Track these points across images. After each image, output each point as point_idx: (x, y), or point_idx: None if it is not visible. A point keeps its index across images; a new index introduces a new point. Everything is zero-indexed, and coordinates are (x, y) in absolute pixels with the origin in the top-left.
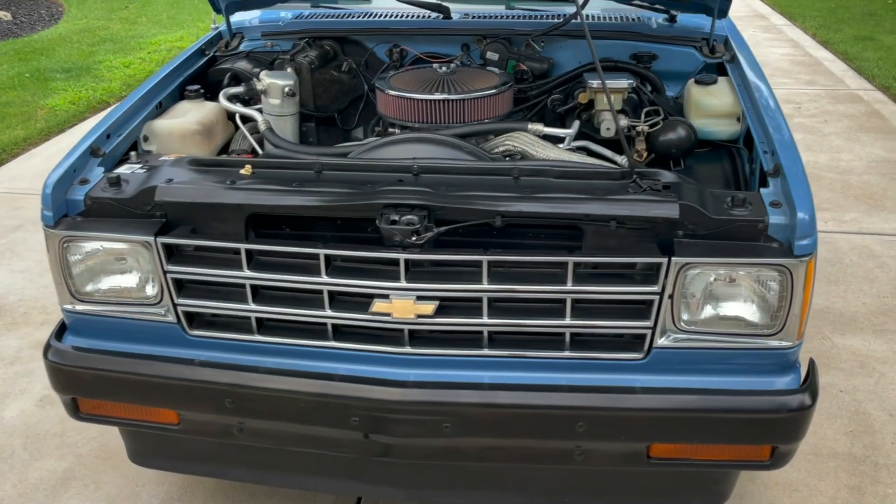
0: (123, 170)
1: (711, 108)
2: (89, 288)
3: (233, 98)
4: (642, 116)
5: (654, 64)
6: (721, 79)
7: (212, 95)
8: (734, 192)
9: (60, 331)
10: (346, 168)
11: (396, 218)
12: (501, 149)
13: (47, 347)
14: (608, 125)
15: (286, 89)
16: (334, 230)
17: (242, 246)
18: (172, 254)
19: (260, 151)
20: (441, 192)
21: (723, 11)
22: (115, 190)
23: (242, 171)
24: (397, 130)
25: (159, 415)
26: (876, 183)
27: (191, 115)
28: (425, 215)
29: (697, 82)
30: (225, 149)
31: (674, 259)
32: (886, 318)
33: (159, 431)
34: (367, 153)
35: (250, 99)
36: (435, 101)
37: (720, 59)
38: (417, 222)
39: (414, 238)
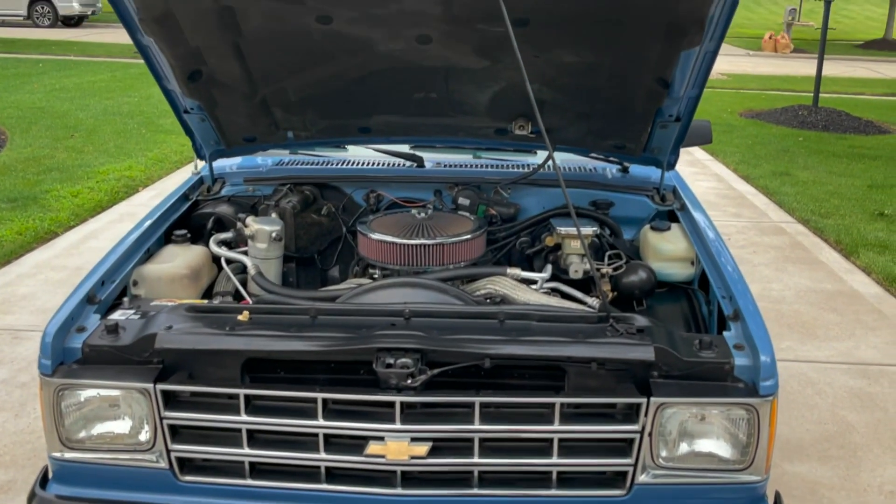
0: (118, 316)
1: (667, 252)
2: (81, 435)
3: (221, 243)
4: (605, 259)
5: (611, 210)
6: (674, 225)
7: (196, 238)
8: (701, 336)
9: (44, 479)
10: (340, 313)
11: (391, 361)
12: (483, 292)
13: (31, 496)
14: (576, 268)
15: (273, 234)
16: (328, 373)
17: (241, 391)
18: (169, 400)
19: (244, 293)
20: (433, 335)
21: (671, 165)
22: (113, 337)
23: (240, 318)
24: (377, 272)
25: None
26: (806, 312)
27: (179, 260)
28: (418, 358)
29: (653, 228)
30: (209, 289)
31: (652, 399)
32: (829, 444)
33: None
34: (358, 297)
35: (235, 243)
36: (415, 245)
37: (671, 207)
38: (412, 365)
39: (409, 381)
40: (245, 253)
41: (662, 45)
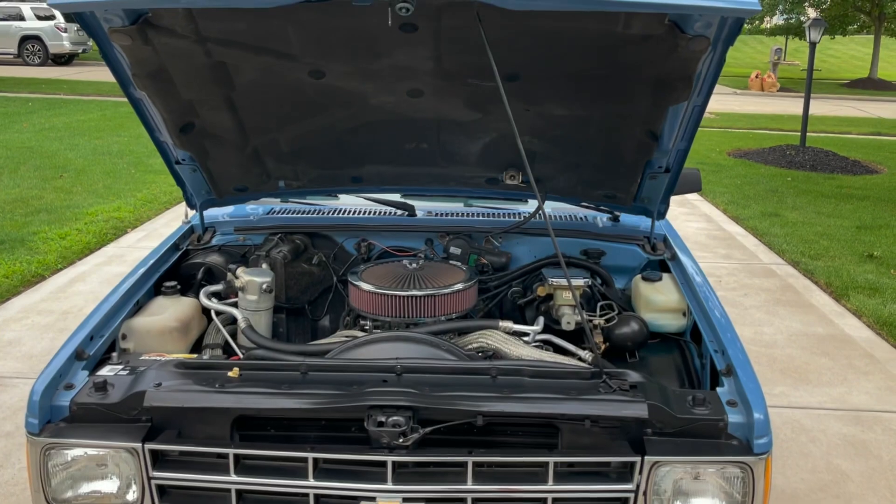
0: (106, 372)
1: (659, 303)
2: (68, 495)
3: (212, 295)
4: (597, 310)
5: (602, 259)
6: (665, 276)
7: (186, 288)
8: (694, 392)
9: None
10: (331, 369)
11: (383, 419)
12: (475, 345)
13: None
14: (568, 319)
15: (264, 286)
16: (319, 430)
17: (231, 451)
18: (158, 459)
19: (234, 346)
20: (425, 392)
21: (661, 214)
22: (101, 395)
23: (230, 374)
24: (368, 324)
25: None
26: (798, 356)
27: (168, 313)
28: (410, 416)
29: (644, 279)
30: (199, 341)
31: (646, 458)
32: (824, 493)
33: None
34: (348, 352)
35: (225, 294)
36: (406, 297)
37: (661, 257)
38: (403, 423)
39: (401, 440)
40: (235, 304)
41: (651, 99)
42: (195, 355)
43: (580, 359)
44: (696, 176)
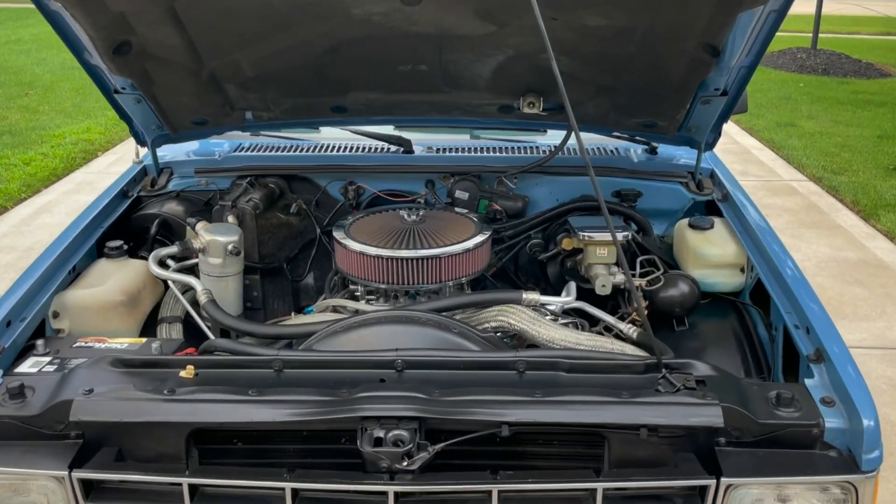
0: (27, 368)
1: (712, 258)
2: None
3: (165, 261)
4: (637, 268)
5: (638, 202)
6: (717, 222)
7: (138, 245)
8: (778, 387)
9: None
10: (313, 364)
11: (381, 434)
12: (493, 324)
13: None
14: (604, 281)
15: (230, 247)
16: (299, 441)
17: (185, 481)
18: (92, 489)
19: (196, 316)
20: (434, 397)
21: (709, 145)
22: (18, 403)
23: (183, 374)
24: (360, 289)
25: None
26: (830, 287)
27: (112, 283)
28: (416, 428)
29: (693, 226)
30: (154, 314)
31: (722, 479)
32: None
33: None
34: (334, 338)
35: (183, 257)
36: (405, 258)
37: (710, 197)
38: (408, 440)
39: (405, 462)
40: (196, 270)
41: (716, 5)
42: (144, 340)
43: (620, 334)
44: (743, 95)
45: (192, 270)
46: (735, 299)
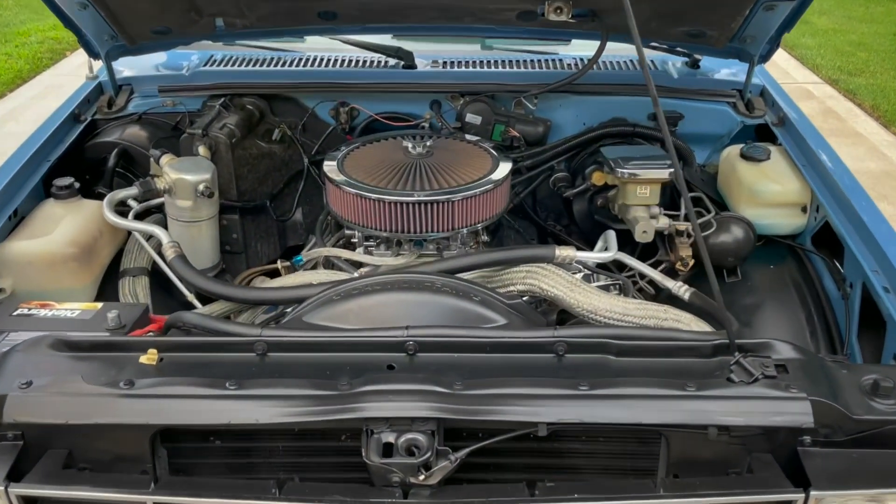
0: None
1: (771, 195)
2: None
3: (122, 206)
4: (682, 210)
5: (678, 125)
6: (773, 150)
7: (94, 180)
8: (871, 371)
9: None
10: (304, 347)
11: (392, 439)
12: (520, 287)
13: None
14: (645, 227)
15: (201, 187)
16: (290, 438)
17: (150, 498)
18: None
19: (165, 268)
20: (455, 390)
21: (764, 57)
22: None
23: (144, 360)
24: (357, 235)
25: None
26: None
27: (62, 230)
28: (433, 430)
29: (746, 157)
30: (115, 266)
31: (811, 492)
32: None
33: None
34: (329, 308)
35: (144, 198)
36: (411, 203)
37: (762, 120)
38: (424, 446)
39: (422, 476)
40: (161, 219)
41: None
42: (100, 306)
43: (667, 296)
44: None
45: (161, 211)
46: (794, 244)
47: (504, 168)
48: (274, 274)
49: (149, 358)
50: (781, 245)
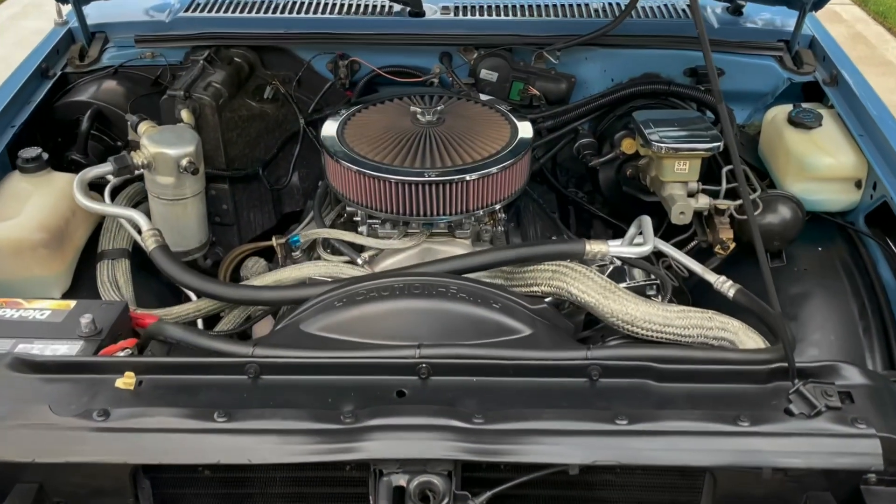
0: None
1: (822, 169)
2: None
3: (93, 186)
4: (723, 185)
5: (719, 82)
6: (825, 115)
7: (63, 145)
8: None
9: None
10: (300, 369)
11: (403, 482)
12: (546, 288)
13: None
14: (682, 207)
15: (184, 162)
16: (286, 469)
17: None
18: None
19: (148, 250)
20: (476, 425)
21: (817, 4)
22: None
23: (120, 383)
24: (359, 214)
25: None
26: None
27: (29, 212)
28: (450, 471)
29: (795, 123)
30: (92, 247)
31: None
32: None
33: None
34: (329, 316)
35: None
36: (421, 183)
37: (811, 77)
38: (441, 491)
39: None
40: (142, 189)
41: None
42: (73, 304)
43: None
44: None
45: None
46: (845, 222)
47: (524, 139)
48: (268, 253)
49: (126, 382)
50: (830, 223)
